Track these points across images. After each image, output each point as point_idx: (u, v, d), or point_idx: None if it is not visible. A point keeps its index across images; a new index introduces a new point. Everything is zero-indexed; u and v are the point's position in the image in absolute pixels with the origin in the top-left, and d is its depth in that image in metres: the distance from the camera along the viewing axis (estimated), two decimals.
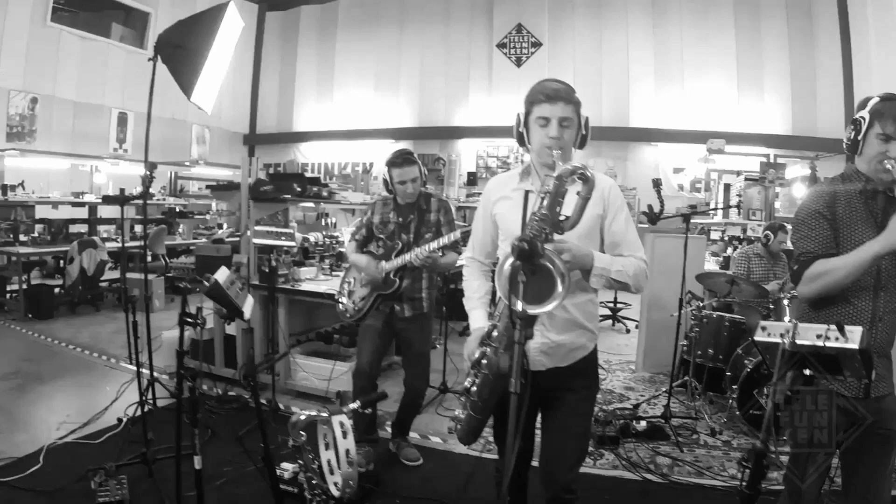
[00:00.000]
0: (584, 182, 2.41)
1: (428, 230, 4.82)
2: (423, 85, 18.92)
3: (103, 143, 15.97)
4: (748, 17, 15.57)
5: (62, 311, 10.32)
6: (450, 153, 17.71)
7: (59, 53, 14.95)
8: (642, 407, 6.65)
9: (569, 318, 2.85)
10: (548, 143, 2.77)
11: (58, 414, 5.93)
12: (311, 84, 20.80)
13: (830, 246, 2.82)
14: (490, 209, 3.10)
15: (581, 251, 2.60)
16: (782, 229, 7.25)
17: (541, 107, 2.82)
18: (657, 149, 16.53)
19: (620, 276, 2.73)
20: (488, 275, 3.19)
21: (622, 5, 16.60)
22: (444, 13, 18.62)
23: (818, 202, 2.91)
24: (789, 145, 15.12)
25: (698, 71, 15.98)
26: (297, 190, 6.58)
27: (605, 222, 2.89)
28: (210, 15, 5.07)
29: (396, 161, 4.79)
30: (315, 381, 6.41)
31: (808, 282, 2.84)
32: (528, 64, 17.42)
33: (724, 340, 6.58)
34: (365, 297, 4.86)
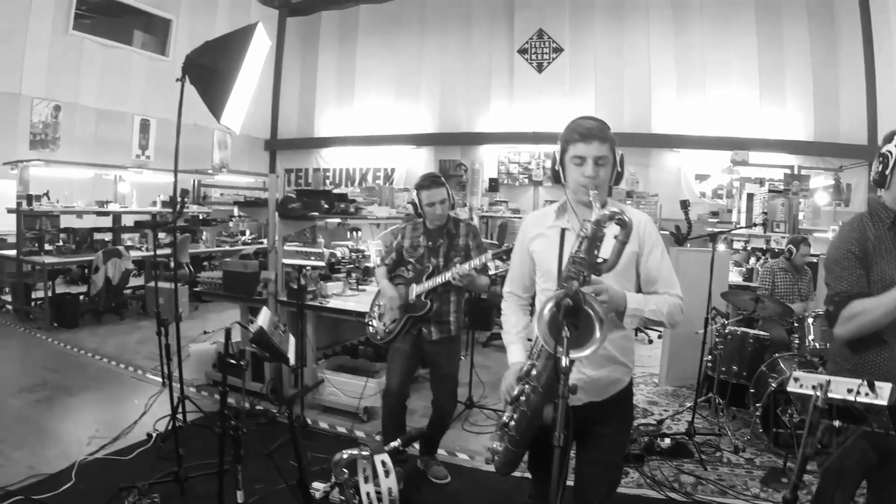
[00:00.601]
0: (622, 227, 2.49)
1: (457, 254, 4.84)
2: (444, 90, 18.93)
3: (126, 149, 16.09)
4: (770, 23, 15.49)
5: (87, 319, 10.37)
6: (472, 162, 17.71)
7: (82, 61, 15.07)
8: (666, 423, 6.65)
9: (605, 354, 2.84)
10: (583, 182, 2.79)
11: (87, 428, 5.98)
12: (332, 89, 20.85)
13: (863, 286, 2.81)
14: (527, 245, 3.12)
15: (616, 294, 2.63)
16: (805, 242, 7.24)
17: (576, 146, 2.84)
18: (679, 155, 16.44)
19: (654, 315, 2.76)
20: (526, 309, 3.23)
21: (643, 11, 16.56)
22: (464, 19, 18.63)
23: (849, 242, 2.90)
24: (812, 151, 15.04)
25: (720, 77, 15.90)
26: (325, 207, 6.62)
27: (640, 259, 2.91)
28: (239, 36, 5.07)
29: (424, 184, 4.81)
30: (343, 397, 6.42)
31: (843, 322, 2.83)
32: (550, 69, 17.40)
33: (747, 356, 6.56)
34: (396, 319, 4.88)
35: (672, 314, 2.82)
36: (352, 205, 7.15)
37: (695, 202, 15.01)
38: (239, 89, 4.99)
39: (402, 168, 19.35)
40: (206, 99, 4.96)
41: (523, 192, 17.61)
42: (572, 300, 2.20)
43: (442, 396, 4.93)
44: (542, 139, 16.96)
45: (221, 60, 4.98)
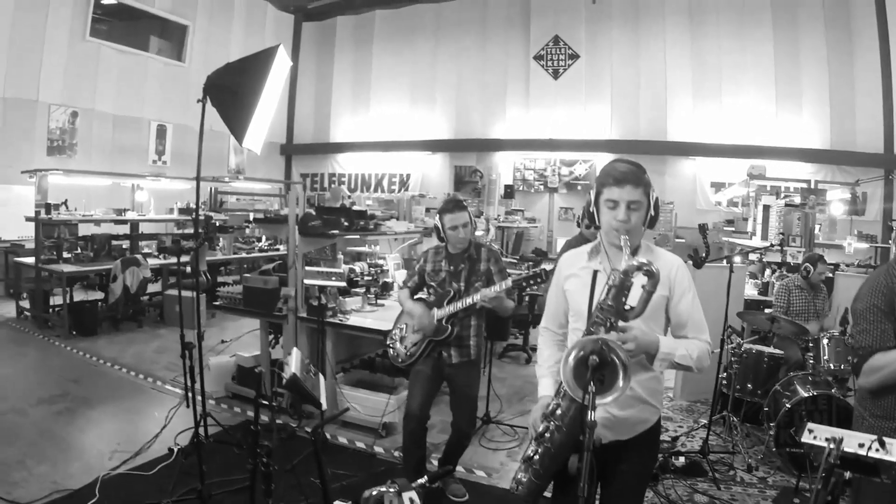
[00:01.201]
0: (649, 277, 2.55)
1: (478, 279, 4.86)
2: (460, 96, 18.99)
3: (142, 155, 16.25)
4: (786, 31, 15.48)
5: (105, 327, 10.45)
6: (488, 171, 17.72)
7: (99, 67, 15.23)
8: (681, 440, 6.66)
9: (632, 395, 2.86)
10: (616, 225, 2.81)
11: (108, 442, 6.01)
12: (348, 94, 20.95)
13: (888, 339, 2.83)
14: (561, 284, 3.16)
15: (647, 338, 2.67)
16: (822, 261, 7.22)
17: (610, 189, 2.85)
18: (695, 162, 16.46)
19: (684, 360, 2.78)
20: (560, 344, 3.24)
21: (659, 18, 16.58)
22: (480, 24, 18.70)
23: (876, 296, 2.92)
24: (828, 160, 15.07)
25: (736, 84, 15.92)
26: (345, 225, 6.67)
27: (670, 303, 2.93)
28: (260, 58, 5.08)
29: (447, 207, 4.84)
30: (361, 413, 6.47)
31: (867, 374, 2.87)
32: (566, 76, 17.46)
33: (762, 375, 6.55)
34: (417, 342, 4.90)
35: (701, 359, 2.84)
36: (371, 221, 7.20)
37: (710, 210, 15.12)
38: (260, 112, 5.00)
39: (417, 174, 19.45)
40: (227, 121, 4.97)
41: (539, 199, 17.66)
42: (598, 357, 2.25)
43: (461, 418, 4.96)
44: (557, 146, 17.08)
45: (243, 82, 4.98)
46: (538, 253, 14.78)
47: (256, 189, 17.59)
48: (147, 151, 16.44)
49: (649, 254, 2.95)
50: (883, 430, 2.85)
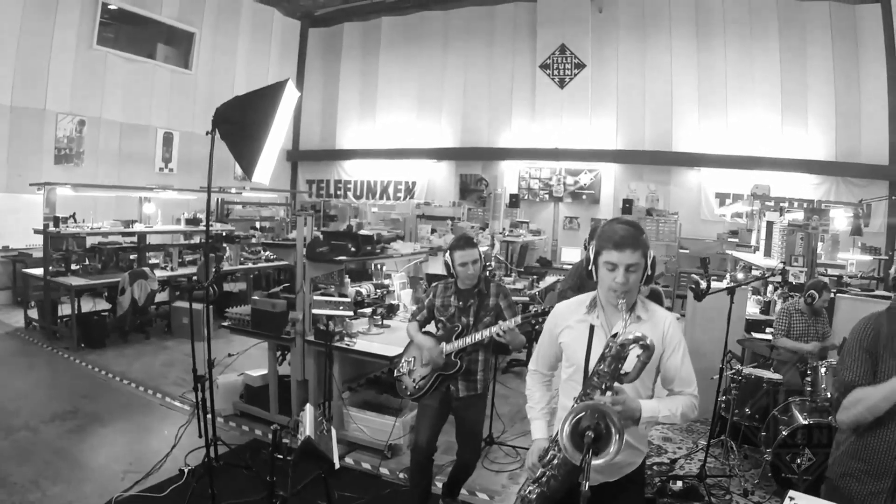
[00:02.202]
0: (645, 350, 2.67)
1: (487, 314, 4.93)
2: (466, 105, 19.09)
3: (149, 162, 16.36)
4: (793, 43, 15.56)
5: (113, 338, 10.48)
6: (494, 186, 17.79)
7: (106, 76, 15.34)
8: (679, 462, 6.72)
9: None
10: (615, 287, 2.92)
11: (120, 461, 6.08)
12: (354, 101, 21.06)
13: (869, 378, 2.91)
14: (556, 334, 3.25)
15: (631, 404, 2.78)
16: (826, 288, 7.25)
17: (609, 253, 2.94)
18: (700, 173, 16.56)
19: (667, 419, 2.94)
20: (549, 385, 3.40)
21: (666, 29, 16.68)
22: (487, 33, 18.80)
23: (864, 337, 2.99)
24: (833, 172, 15.15)
25: (742, 95, 16.02)
26: (352, 250, 6.75)
27: (662, 357, 3.04)
28: (269, 92, 5.13)
29: (458, 244, 4.91)
30: (369, 434, 6.54)
31: (845, 409, 2.94)
32: (572, 85, 17.52)
33: (761, 399, 6.61)
34: (425, 376, 4.96)
35: (686, 414, 2.99)
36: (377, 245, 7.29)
37: (714, 221, 15.20)
38: (269, 146, 5.07)
39: (423, 181, 19.57)
40: (236, 155, 5.03)
41: (543, 208, 17.78)
42: (594, 433, 2.38)
43: (466, 451, 5.05)
44: (563, 155, 17.13)
45: (252, 117, 5.05)
46: (543, 262, 14.88)
47: (263, 197, 17.67)
48: (154, 159, 16.57)
49: (644, 310, 3.08)
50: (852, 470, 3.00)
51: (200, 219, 13.30)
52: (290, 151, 21.92)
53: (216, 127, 5.10)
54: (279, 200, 18.80)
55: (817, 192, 15.36)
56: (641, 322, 3.02)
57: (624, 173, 17.41)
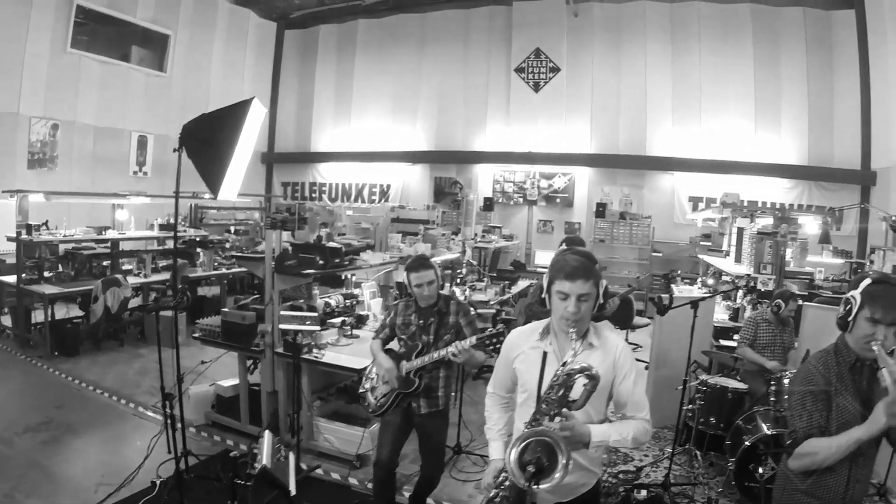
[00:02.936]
0: (590, 379, 2.81)
1: (447, 332, 4.98)
2: (441, 108, 19.17)
3: (123, 166, 16.28)
4: (767, 49, 15.80)
5: (87, 346, 10.46)
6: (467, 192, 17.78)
7: (80, 79, 15.25)
8: (645, 470, 6.80)
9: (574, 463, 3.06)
10: (566, 316, 3.02)
11: (94, 473, 6.10)
12: (330, 103, 21.07)
13: (822, 425, 3.00)
14: (511, 360, 3.36)
15: (580, 430, 2.89)
16: (793, 298, 7.35)
17: (561, 283, 3.05)
18: (673, 177, 16.72)
19: (618, 443, 3.05)
20: (507, 406, 3.49)
21: (641, 34, 16.87)
22: (462, 36, 18.88)
23: (813, 381, 3.09)
24: (806, 176, 15.35)
25: (716, 100, 16.23)
26: (320, 263, 6.80)
27: (613, 383, 3.14)
28: (235, 110, 5.17)
29: (413, 266, 4.98)
30: (337, 444, 6.61)
31: (797, 458, 3.04)
32: (546, 89, 17.65)
33: (726, 408, 6.68)
34: (386, 394, 5.03)
35: (637, 438, 3.08)
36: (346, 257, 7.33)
37: (687, 224, 15.34)
38: (236, 162, 5.11)
39: (397, 184, 19.61)
40: (202, 173, 5.07)
41: (518, 212, 17.89)
42: (535, 466, 2.48)
43: (429, 465, 5.11)
44: (537, 159, 17.25)
45: (218, 135, 5.08)
46: (517, 265, 14.93)
47: (237, 201, 17.62)
48: (128, 163, 16.49)
49: (596, 338, 3.18)
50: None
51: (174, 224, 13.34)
52: (266, 153, 21.91)
53: (183, 144, 5.12)
54: (254, 204, 18.78)
55: (789, 196, 15.58)
56: (593, 349, 3.12)
57: (598, 177, 17.54)
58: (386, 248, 8.99)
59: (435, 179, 19.33)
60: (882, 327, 2.91)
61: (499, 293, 10.52)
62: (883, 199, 14.13)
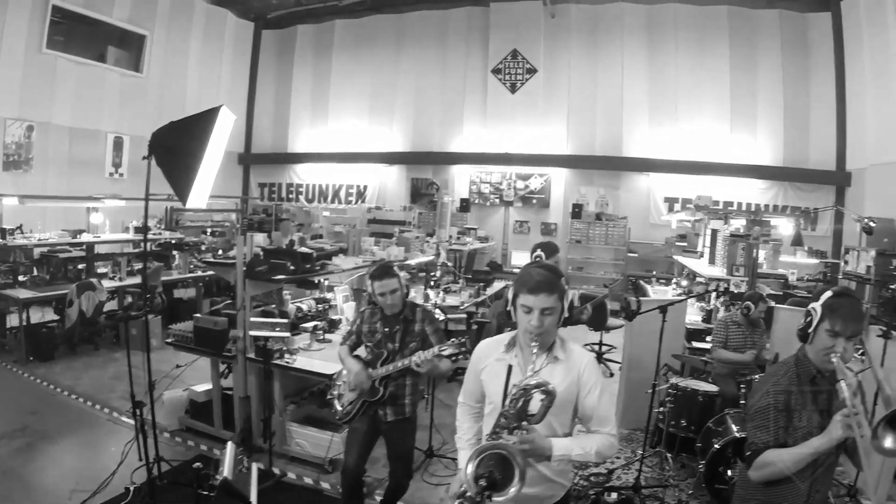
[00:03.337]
0: (547, 395, 2.82)
1: (413, 339, 4.99)
2: (418, 109, 19.19)
3: (99, 167, 16.19)
4: (743, 51, 15.98)
5: (62, 350, 10.44)
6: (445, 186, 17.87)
7: (55, 80, 15.13)
8: (616, 473, 6.83)
9: (539, 475, 3.14)
10: (530, 329, 3.04)
11: (68, 480, 6.11)
12: (307, 104, 21.04)
13: (781, 437, 3.06)
14: (479, 371, 3.39)
15: (541, 443, 2.91)
16: (763, 300, 7.41)
17: (525, 297, 3.06)
18: (649, 178, 16.83)
19: (581, 457, 3.04)
20: (477, 416, 3.50)
21: (618, 36, 17.01)
22: (440, 37, 18.92)
23: (774, 396, 3.14)
24: (781, 177, 15.48)
25: (692, 102, 16.38)
26: (291, 269, 6.81)
27: (579, 397, 3.17)
28: (203, 118, 5.15)
29: (376, 274, 4.98)
30: (309, 448, 6.65)
31: (757, 468, 3.09)
32: (523, 90, 17.72)
33: (696, 411, 6.73)
34: (353, 401, 5.06)
35: (601, 452, 3.09)
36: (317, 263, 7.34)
37: (661, 224, 15.44)
38: (204, 170, 5.11)
39: (374, 185, 19.63)
40: (171, 181, 5.06)
41: (494, 212, 17.95)
42: (487, 481, 2.56)
43: (398, 471, 5.13)
44: (513, 160, 17.28)
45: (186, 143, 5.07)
46: (493, 266, 14.97)
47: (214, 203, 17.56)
48: (104, 164, 16.40)
49: (562, 351, 3.20)
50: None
51: (150, 227, 13.27)
52: (242, 154, 21.87)
53: (152, 152, 5.12)
54: (231, 205, 18.73)
55: (765, 197, 15.72)
56: (559, 362, 3.15)
57: (574, 178, 17.65)
58: (359, 252, 8.99)
59: (412, 180, 19.38)
60: (841, 340, 2.98)
61: (473, 295, 10.55)
62: (857, 200, 14.32)
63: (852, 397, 2.81)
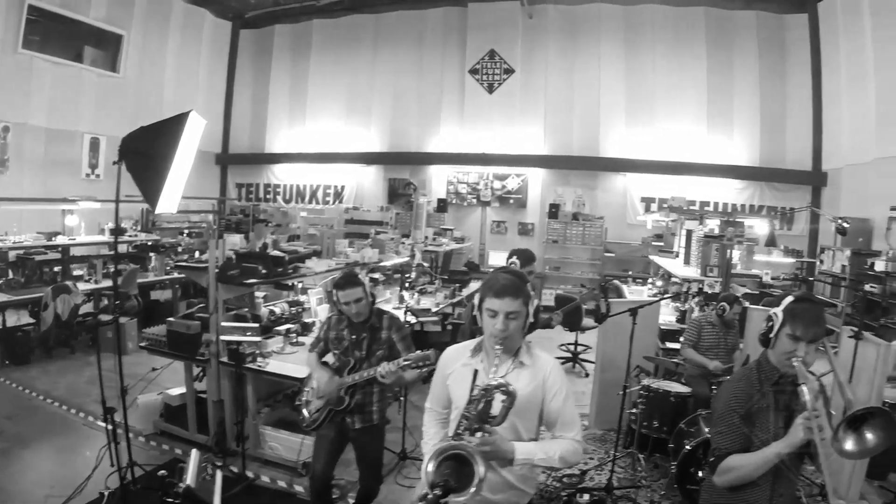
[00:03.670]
0: (507, 396, 2.88)
1: (380, 347, 4.99)
2: (395, 109, 19.20)
3: (75, 169, 16.09)
4: (720, 52, 16.13)
5: (38, 354, 10.42)
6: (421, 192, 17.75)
7: (32, 80, 15.00)
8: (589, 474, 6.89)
9: (502, 481, 3.19)
10: (495, 333, 3.10)
11: (43, 485, 6.13)
12: (284, 104, 21.00)
13: (743, 442, 3.11)
14: (445, 376, 3.45)
15: (503, 446, 2.95)
16: (738, 301, 7.47)
17: (491, 301, 3.13)
18: (626, 178, 16.93)
19: (544, 462, 3.08)
20: (444, 422, 3.55)
21: (595, 37, 17.11)
22: (417, 37, 18.94)
23: (735, 400, 3.19)
24: (757, 177, 15.60)
25: (669, 102, 16.50)
26: (263, 272, 6.83)
27: (544, 401, 3.22)
28: (173, 123, 5.15)
29: (340, 283, 4.98)
30: (282, 451, 6.68)
31: (721, 474, 3.14)
32: (500, 90, 17.76)
33: (669, 412, 6.80)
34: (320, 409, 5.05)
35: (565, 458, 3.13)
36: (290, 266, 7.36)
37: (636, 224, 15.53)
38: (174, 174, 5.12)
39: (351, 185, 19.64)
40: (141, 186, 5.08)
41: (471, 213, 18.01)
42: (442, 489, 2.60)
43: (368, 478, 5.16)
44: (490, 160, 17.32)
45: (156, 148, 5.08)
46: (471, 266, 15.02)
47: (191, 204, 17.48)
48: (80, 165, 16.30)
49: (528, 356, 3.26)
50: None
51: (125, 228, 13.25)
52: (220, 154, 21.78)
53: (123, 157, 5.13)
54: (208, 206, 18.66)
55: (741, 197, 15.88)
56: (524, 367, 3.22)
57: (551, 178, 17.72)
58: (333, 255, 9.01)
59: (389, 181, 19.40)
60: (803, 344, 3.03)
61: (449, 296, 10.59)
62: (833, 200, 14.53)
63: (814, 400, 2.87)
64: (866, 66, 12.95)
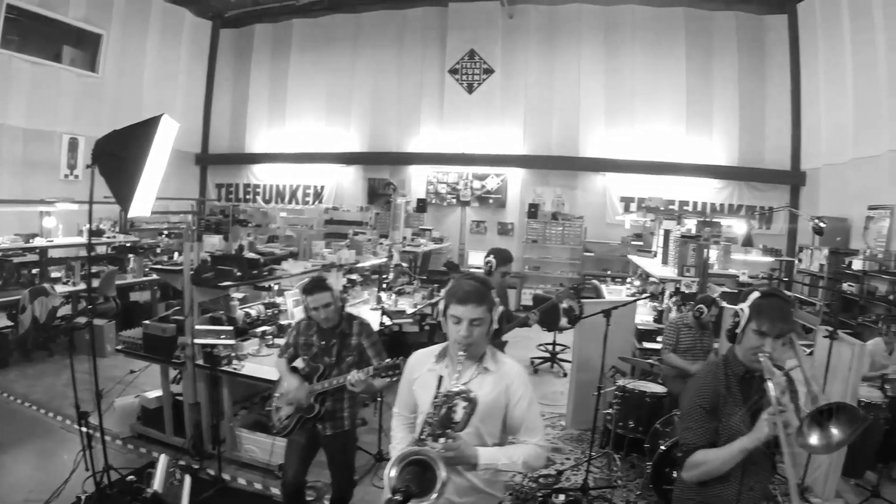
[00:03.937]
0: (468, 402, 2.95)
1: (350, 353, 4.98)
2: (375, 109, 19.19)
3: (53, 169, 15.98)
4: (700, 52, 16.23)
5: (16, 357, 10.39)
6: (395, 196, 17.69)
7: (10, 80, 14.89)
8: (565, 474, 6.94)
9: (469, 485, 3.21)
10: (458, 339, 3.14)
11: (20, 489, 6.13)
12: (264, 104, 20.94)
13: (710, 437, 3.15)
14: (411, 381, 3.48)
15: (466, 451, 2.99)
16: (715, 304, 7.50)
17: (455, 307, 3.16)
18: (605, 178, 16.99)
19: (508, 467, 3.12)
20: (411, 426, 3.53)
21: (575, 37, 17.17)
22: (397, 36, 18.92)
23: (701, 396, 3.24)
24: (736, 177, 15.70)
25: (648, 102, 16.58)
26: (238, 275, 6.83)
27: (508, 406, 3.25)
28: (146, 126, 5.15)
29: (308, 288, 4.98)
30: (259, 454, 6.69)
31: (688, 469, 3.19)
32: (480, 90, 17.78)
33: (644, 412, 6.85)
34: (290, 415, 5.05)
35: (529, 463, 3.17)
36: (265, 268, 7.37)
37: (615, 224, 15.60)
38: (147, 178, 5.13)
39: (331, 186, 19.63)
40: (113, 190, 5.09)
41: (451, 213, 18.02)
42: (404, 495, 2.62)
43: (340, 482, 5.17)
44: (470, 160, 17.33)
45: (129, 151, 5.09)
46: (450, 266, 15.03)
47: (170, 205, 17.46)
48: (58, 166, 16.19)
49: (493, 362, 3.29)
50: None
51: (103, 229, 13.20)
52: (200, 155, 21.67)
53: (96, 161, 5.13)
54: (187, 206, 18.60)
55: (720, 196, 15.99)
56: (489, 373, 3.24)
57: (530, 178, 17.76)
58: (310, 256, 8.99)
59: (368, 181, 19.39)
60: (769, 339, 3.07)
61: (427, 297, 10.59)
62: (812, 199, 14.67)
63: (780, 395, 2.91)
64: (845, 67, 13.07)
